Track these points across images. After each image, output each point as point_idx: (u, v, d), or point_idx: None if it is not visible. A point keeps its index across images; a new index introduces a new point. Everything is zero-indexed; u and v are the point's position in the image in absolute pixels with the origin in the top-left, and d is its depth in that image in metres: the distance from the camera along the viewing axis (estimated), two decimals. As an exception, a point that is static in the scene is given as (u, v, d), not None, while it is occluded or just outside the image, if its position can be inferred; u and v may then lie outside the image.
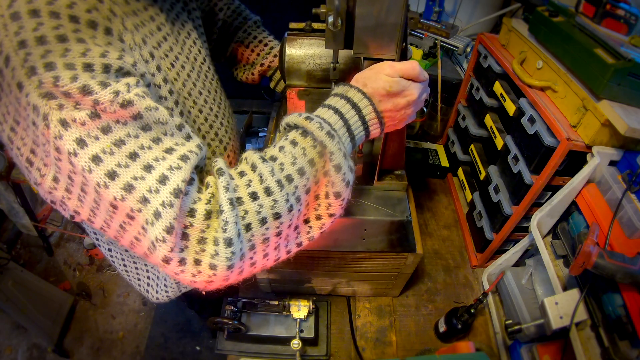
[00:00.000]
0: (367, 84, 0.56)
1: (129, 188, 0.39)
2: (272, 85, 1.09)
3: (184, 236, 0.41)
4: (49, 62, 0.37)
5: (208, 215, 0.41)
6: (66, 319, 1.87)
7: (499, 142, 1.04)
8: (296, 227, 0.51)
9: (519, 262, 1.01)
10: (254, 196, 0.43)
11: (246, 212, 0.43)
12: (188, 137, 0.47)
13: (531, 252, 0.99)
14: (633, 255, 0.63)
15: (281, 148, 0.49)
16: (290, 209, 0.46)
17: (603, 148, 0.75)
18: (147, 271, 0.84)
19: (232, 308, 0.89)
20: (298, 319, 0.87)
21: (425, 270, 1.13)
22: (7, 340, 1.84)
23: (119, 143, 0.39)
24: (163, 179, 0.40)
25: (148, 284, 0.88)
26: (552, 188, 0.86)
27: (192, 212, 0.41)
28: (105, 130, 0.39)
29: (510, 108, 0.97)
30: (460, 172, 1.34)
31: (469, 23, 1.50)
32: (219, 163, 0.47)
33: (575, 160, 0.80)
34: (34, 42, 0.37)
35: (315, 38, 0.84)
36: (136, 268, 0.85)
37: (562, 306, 0.72)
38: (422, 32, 1.50)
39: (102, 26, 0.43)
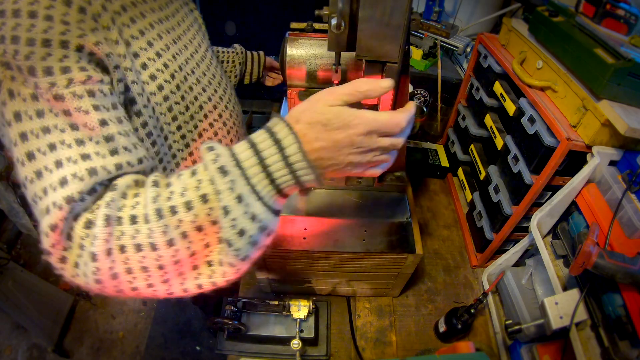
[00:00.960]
0: (299, 119, 0.44)
1: (38, 175, 0.42)
2: (246, 81, 1.15)
3: (69, 237, 0.42)
4: (16, 36, 0.39)
5: (88, 224, 0.41)
6: (66, 319, 1.87)
7: (499, 142, 1.04)
8: (193, 266, 0.44)
9: (519, 262, 1.01)
10: (133, 219, 0.41)
11: (122, 233, 0.41)
12: (114, 152, 0.45)
13: (531, 252, 0.99)
14: (633, 255, 0.63)
15: (179, 175, 0.43)
16: (170, 243, 0.41)
17: (603, 148, 0.75)
18: None
19: (232, 308, 0.89)
20: (298, 319, 0.87)
21: (425, 270, 1.13)
22: (7, 340, 1.84)
23: (46, 130, 0.41)
24: (63, 182, 0.41)
25: None
26: (552, 188, 0.86)
27: (76, 218, 0.42)
28: (39, 114, 0.41)
29: (510, 108, 0.97)
30: (460, 172, 1.34)
31: (469, 23, 1.50)
32: (125, 179, 0.45)
33: (575, 160, 0.80)
34: (10, 14, 0.39)
35: (316, 38, 0.84)
36: None
37: (562, 306, 0.72)
38: (422, 32, 1.50)
39: (86, 12, 0.44)
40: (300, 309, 0.87)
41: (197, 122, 0.68)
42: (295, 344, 0.83)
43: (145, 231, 0.40)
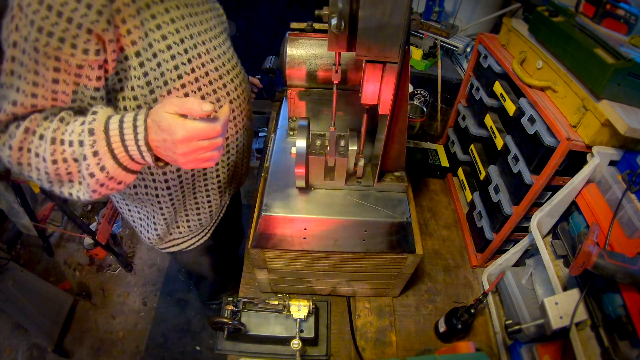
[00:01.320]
0: (152, 115, 0.59)
1: (11, 73, 0.59)
2: None
3: (3, 131, 0.62)
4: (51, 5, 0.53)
5: (17, 127, 0.61)
6: (66, 319, 1.87)
7: (499, 142, 1.04)
8: (69, 180, 0.64)
9: (519, 262, 1.01)
10: (41, 136, 0.60)
11: (32, 141, 0.60)
12: (54, 99, 0.61)
13: (531, 252, 0.99)
14: (633, 255, 0.63)
15: (80, 120, 0.60)
16: (54, 162, 0.60)
17: (603, 148, 0.75)
18: (139, 212, 0.93)
19: (232, 308, 0.89)
20: (298, 319, 0.87)
21: (425, 270, 1.13)
22: (7, 340, 1.84)
23: (23, 65, 0.58)
24: (14, 103, 0.59)
25: (141, 225, 0.97)
26: (552, 188, 0.86)
27: (12, 124, 0.61)
28: (23, 51, 0.57)
29: (510, 108, 0.97)
30: (460, 172, 1.34)
31: (469, 23, 1.50)
32: (51, 110, 0.62)
33: (575, 160, 0.80)
34: None
35: (316, 38, 0.84)
36: (129, 210, 0.95)
37: (562, 306, 0.72)
38: (422, 32, 1.50)
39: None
40: (300, 309, 0.87)
41: (202, 86, 0.76)
42: (295, 344, 0.83)
43: (42, 147, 0.59)
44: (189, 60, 0.72)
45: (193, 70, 0.73)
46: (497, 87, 1.03)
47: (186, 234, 1.00)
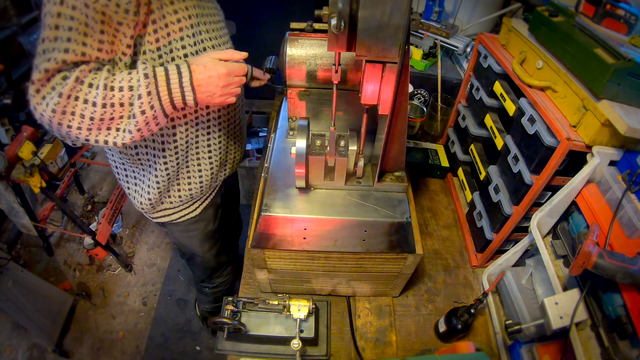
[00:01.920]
0: (195, 62, 0.74)
1: (56, 28, 0.65)
2: None
3: (49, 80, 0.67)
4: None
5: (64, 77, 0.67)
6: (66, 319, 1.87)
7: (499, 142, 1.04)
8: (107, 127, 0.72)
9: (519, 262, 1.01)
10: (90, 85, 0.68)
11: (81, 89, 0.67)
12: (100, 50, 0.70)
13: (531, 252, 0.99)
14: (633, 255, 0.63)
15: (126, 71, 0.71)
16: (103, 106, 0.68)
17: (603, 148, 0.75)
18: (135, 177, 1.00)
19: (232, 308, 0.89)
20: (298, 319, 0.87)
21: (425, 270, 1.13)
22: (7, 340, 1.84)
23: (73, 8, 0.64)
24: (66, 51, 0.65)
25: (135, 190, 1.02)
26: (552, 188, 0.86)
27: (58, 73, 0.67)
28: (73, 7, 0.64)
29: (510, 108, 0.97)
30: (460, 172, 1.34)
31: (469, 23, 1.50)
32: (91, 64, 0.70)
33: (575, 160, 0.80)
34: None
35: (316, 38, 0.84)
36: (126, 175, 1.02)
37: (562, 306, 0.72)
38: (422, 32, 1.50)
39: None
40: (300, 309, 0.87)
41: None
42: (295, 344, 0.83)
43: (93, 93, 0.67)
44: (193, 34, 0.83)
45: (195, 44, 0.84)
46: (497, 87, 1.03)
47: (177, 204, 1.04)
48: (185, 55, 0.81)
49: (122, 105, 0.69)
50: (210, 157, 0.99)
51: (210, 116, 0.93)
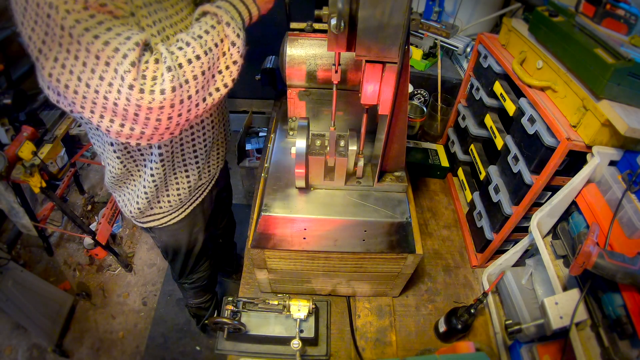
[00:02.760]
0: None
1: (106, 44, 0.60)
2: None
3: (140, 73, 0.62)
4: None
5: (156, 61, 0.63)
6: (66, 319, 1.87)
7: (499, 142, 1.04)
8: (213, 74, 0.72)
9: (519, 262, 1.01)
10: (180, 48, 0.66)
11: (177, 57, 0.65)
12: (142, 30, 0.69)
13: (531, 252, 0.99)
14: (633, 255, 0.63)
15: (197, 21, 0.72)
16: (206, 53, 0.67)
17: (603, 148, 0.75)
18: (125, 188, 1.00)
19: (232, 308, 0.89)
20: (298, 319, 0.87)
21: (425, 270, 1.13)
22: (7, 340, 1.84)
23: (100, 22, 0.61)
24: (128, 38, 0.61)
25: (125, 199, 1.02)
26: (552, 188, 0.86)
27: (144, 61, 0.63)
28: (92, 16, 0.60)
29: (510, 108, 0.97)
30: (460, 172, 1.34)
31: (469, 23, 1.50)
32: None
33: (575, 160, 0.80)
34: None
35: (316, 38, 0.84)
36: (116, 184, 1.00)
37: (562, 306, 0.72)
38: (422, 32, 1.50)
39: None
40: (300, 309, 0.87)
41: None
42: (295, 344, 0.83)
43: (190, 50, 0.66)
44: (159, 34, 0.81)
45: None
46: (497, 87, 1.03)
47: (166, 209, 1.04)
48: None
49: (216, 45, 0.69)
50: (197, 162, 0.99)
51: (194, 122, 0.91)
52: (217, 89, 0.74)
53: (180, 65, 0.65)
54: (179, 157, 0.95)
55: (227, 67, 0.73)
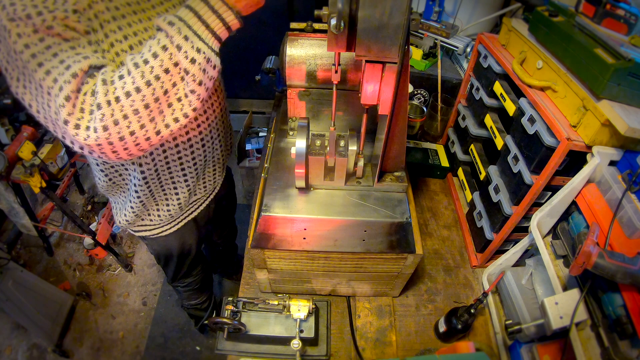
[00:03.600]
0: None
1: (47, 73, 0.58)
2: None
3: (77, 107, 0.58)
4: (24, 4, 0.57)
5: (92, 93, 0.59)
6: (66, 319, 1.87)
7: (499, 142, 1.04)
8: (170, 103, 0.62)
9: (519, 262, 1.01)
10: (120, 77, 0.59)
11: (115, 88, 0.58)
12: (96, 51, 0.63)
13: (531, 252, 0.99)
14: (633, 255, 0.63)
15: (152, 38, 0.62)
16: (148, 84, 0.58)
17: (603, 148, 0.75)
18: (118, 197, 1.01)
19: (232, 308, 0.89)
20: (298, 319, 0.87)
21: (425, 270, 1.13)
22: (7, 340, 1.84)
23: (48, 47, 0.58)
24: (67, 67, 0.58)
25: (119, 207, 1.02)
26: (552, 188, 0.86)
27: (82, 93, 0.59)
28: (41, 39, 0.58)
29: (510, 108, 0.97)
30: (460, 172, 1.34)
31: (469, 23, 1.50)
32: (111, 65, 0.63)
33: (575, 160, 0.80)
34: None
35: (316, 38, 0.84)
36: (111, 195, 1.01)
37: (562, 306, 0.72)
38: (422, 32, 1.50)
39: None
40: (300, 309, 0.87)
41: None
42: (295, 344, 0.83)
43: (129, 80, 0.58)
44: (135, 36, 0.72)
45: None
46: (497, 87, 1.03)
47: (157, 222, 1.03)
48: (131, 47, 0.70)
49: (167, 71, 0.59)
50: (186, 180, 0.95)
51: (178, 140, 0.85)
52: (176, 120, 0.64)
53: (117, 99, 0.57)
54: (166, 175, 0.91)
55: (186, 96, 0.62)
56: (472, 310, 0.91)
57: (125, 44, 0.68)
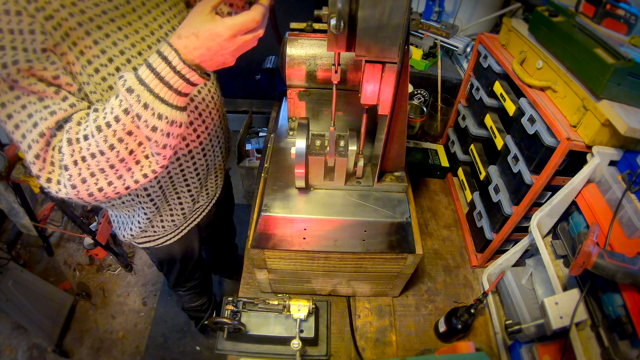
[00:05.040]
0: (180, 34, 0.57)
1: (16, 127, 0.59)
2: None
3: (47, 161, 0.60)
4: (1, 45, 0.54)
5: (59, 149, 0.59)
6: (66, 319, 1.87)
7: (499, 142, 1.04)
8: (137, 160, 0.62)
9: (519, 262, 1.01)
10: (85, 137, 0.58)
11: (81, 148, 0.58)
12: (64, 99, 0.61)
13: (531, 252, 0.99)
14: (633, 255, 0.63)
15: (109, 100, 0.60)
16: (112, 147, 0.58)
17: (603, 148, 0.75)
18: (119, 218, 1.01)
19: (232, 308, 0.89)
20: (298, 319, 0.87)
21: (425, 270, 1.13)
22: (7, 340, 1.84)
23: (16, 97, 0.58)
24: (35, 125, 0.58)
25: (122, 222, 1.01)
26: (552, 188, 0.86)
27: (51, 147, 0.59)
28: (11, 88, 0.57)
29: (510, 108, 0.97)
30: (460, 172, 1.34)
31: (469, 23, 1.50)
32: (78, 113, 0.61)
33: (575, 160, 0.80)
34: None
35: (316, 38, 0.84)
36: (111, 211, 1.01)
37: (562, 306, 0.72)
38: (422, 32, 1.50)
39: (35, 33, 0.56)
40: (300, 309, 0.87)
41: None
42: (295, 344, 0.83)
43: (93, 143, 0.58)
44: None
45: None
46: (497, 87, 1.03)
47: (161, 233, 1.03)
48: (117, 69, 0.67)
49: (130, 133, 0.58)
50: (189, 190, 0.95)
51: (179, 154, 0.85)
52: (145, 175, 0.64)
53: (83, 159, 0.58)
54: (170, 189, 0.91)
55: (153, 155, 0.62)
56: (472, 310, 0.91)
57: (104, 57, 0.65)
